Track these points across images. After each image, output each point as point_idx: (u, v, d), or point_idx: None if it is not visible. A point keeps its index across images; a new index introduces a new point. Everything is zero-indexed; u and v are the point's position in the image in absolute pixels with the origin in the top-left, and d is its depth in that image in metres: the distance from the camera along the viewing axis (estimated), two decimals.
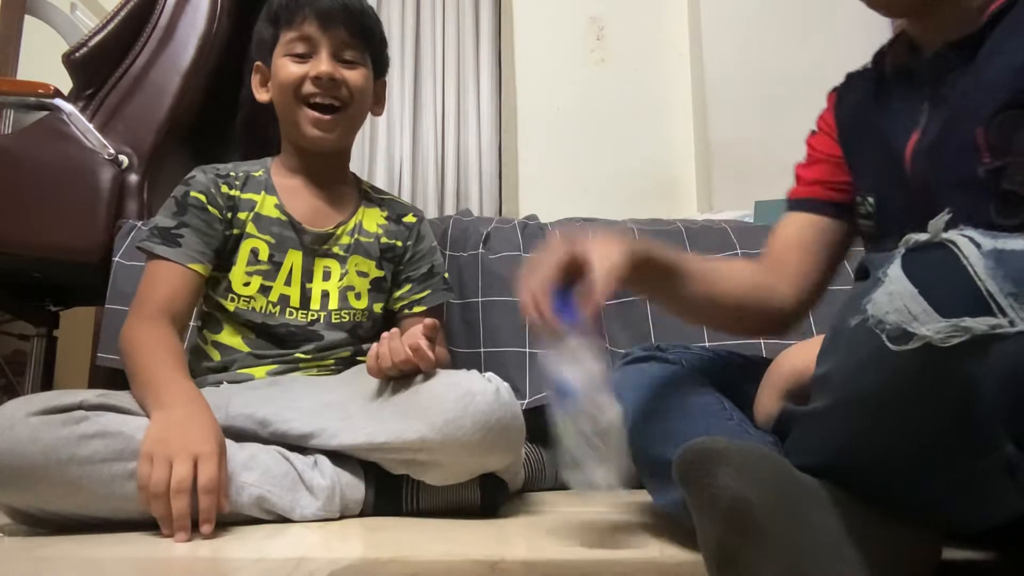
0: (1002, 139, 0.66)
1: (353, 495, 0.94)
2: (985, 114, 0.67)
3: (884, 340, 0.47)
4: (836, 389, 0.54)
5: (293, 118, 1.13)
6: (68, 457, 0.81)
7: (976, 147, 0.68)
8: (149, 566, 0.72)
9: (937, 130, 0.73)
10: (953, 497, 0.54)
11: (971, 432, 0.49)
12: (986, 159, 0.67)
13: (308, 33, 1.11)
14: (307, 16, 1.11)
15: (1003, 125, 0.66)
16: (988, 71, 0.68)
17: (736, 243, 1.42)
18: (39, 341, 1.76)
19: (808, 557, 0.51)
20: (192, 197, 1.09)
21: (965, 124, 0.69)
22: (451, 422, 0.87)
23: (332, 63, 1.11)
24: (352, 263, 1.17)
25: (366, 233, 1.20)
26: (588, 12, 2.82)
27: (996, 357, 0.45)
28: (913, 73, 0.78)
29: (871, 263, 0.52)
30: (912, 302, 0.46)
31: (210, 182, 1.12)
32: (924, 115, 0.75)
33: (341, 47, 1.13)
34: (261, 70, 1.18)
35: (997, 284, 0.44)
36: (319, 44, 1.11)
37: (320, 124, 1.12)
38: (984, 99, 0.68)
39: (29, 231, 1.41)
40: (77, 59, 1.47)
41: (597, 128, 2.73)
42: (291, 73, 1.11)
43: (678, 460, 0.56)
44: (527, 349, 1.35)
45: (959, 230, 0.47)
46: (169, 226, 1.07)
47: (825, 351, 0.57)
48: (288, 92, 1.12)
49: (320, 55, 1.11)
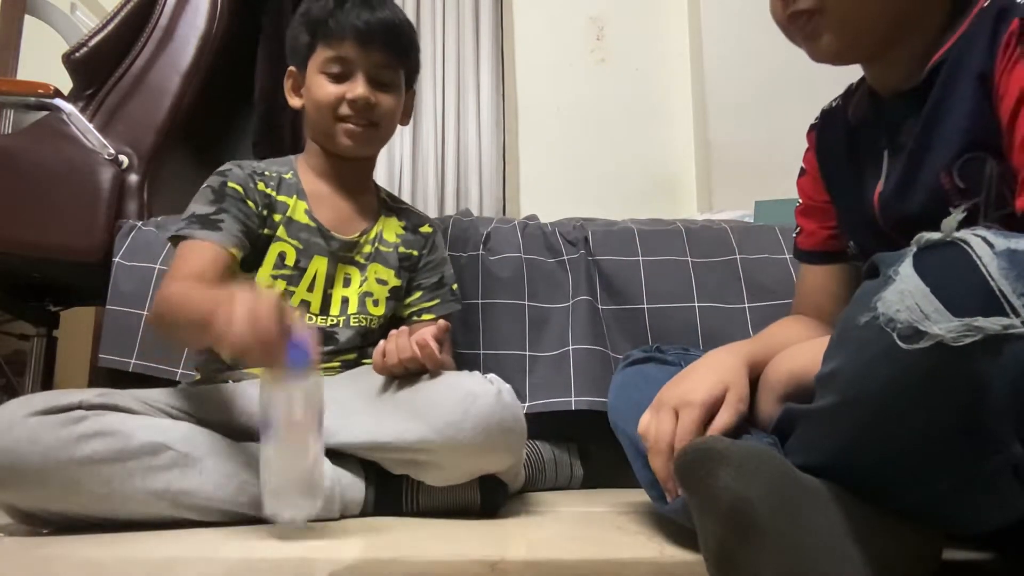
0: (968, 181, 0.67)
1: (353, 495, 0.94)
2: (945, 159, 0.68)
3: (895, 338, 0.47)
4: (843, 387, 0.54)
5: (329, 131, 1.13)
6: (67, 458, 0.81)
7: (944, 192, 0.69)
8: (149, 566, 0.72)
9: (897, 178, 0.75)
10: (958, 497, 0.54)
11: (979, 432, 0.49)
12: (957, 202, 0.68)
13: (346, 55, 1.10)
14: (346, 36, 1.09)
15: (966, 167, 0.67)
16: (940, 119, 0.70)
17: (736, 243, 1.42)
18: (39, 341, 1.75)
19: (808, 557, 0.51)
20: (230, 188, 1.08)
21: (927, 170, 0.70)
22: (452, 424, 0.87)
23: (368, 87, 1.11)
24: (372, 271, 1.17)
25: (385, 243, 1.20)
26: (588, 12, 2.82)
27: (1008, 357, 0.45)
28: (871, 122, 0.81)
29: (881, 261, 0.52)
30: (924, 300, 0.46)
31: (247, 177, 1.10)
32: (884, 166, 0.77)
33: (378, 69, 1.12)
34: (294, 76, 1.18)
35: (1010, 284, 0.44)
36: (356, 66, 1.11)
37: (354, 136, 1.13)
38: (941, 145, 0.69)
39: (29, 231, 1.41)
40: (77, 59, 1.47)
41: (597, 128, 2.73)
42: (328, 93, 1.11)
43: (678, 460, 0.56)
44: (527, 352, 1.35)
45: (971, 229, 0.47)
46: (208, 212, 1.04)
47: (832, 349, 0.56)
48: (325, 111, 1.12)
49: (357, 78, 1.11)
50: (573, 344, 1.32)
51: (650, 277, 1.39)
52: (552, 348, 1.35)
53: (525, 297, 1.38)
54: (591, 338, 1.32)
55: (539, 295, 1.39)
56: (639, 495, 0.89)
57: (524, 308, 1.38)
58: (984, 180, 0.66)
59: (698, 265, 1.41)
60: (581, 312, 1.35)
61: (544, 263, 1.42)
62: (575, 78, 2.78)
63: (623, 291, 1.39)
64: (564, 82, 2.78)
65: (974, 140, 0.66)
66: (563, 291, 1.39)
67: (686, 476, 0.55)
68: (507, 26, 2.81)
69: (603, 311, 1.37)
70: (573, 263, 1.41)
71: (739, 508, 0.51)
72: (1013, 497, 0.52)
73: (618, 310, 1.38)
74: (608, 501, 1.08)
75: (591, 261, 1.41)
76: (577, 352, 1.32)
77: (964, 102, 0.67)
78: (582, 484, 1.27)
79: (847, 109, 0.85)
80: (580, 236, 1.44)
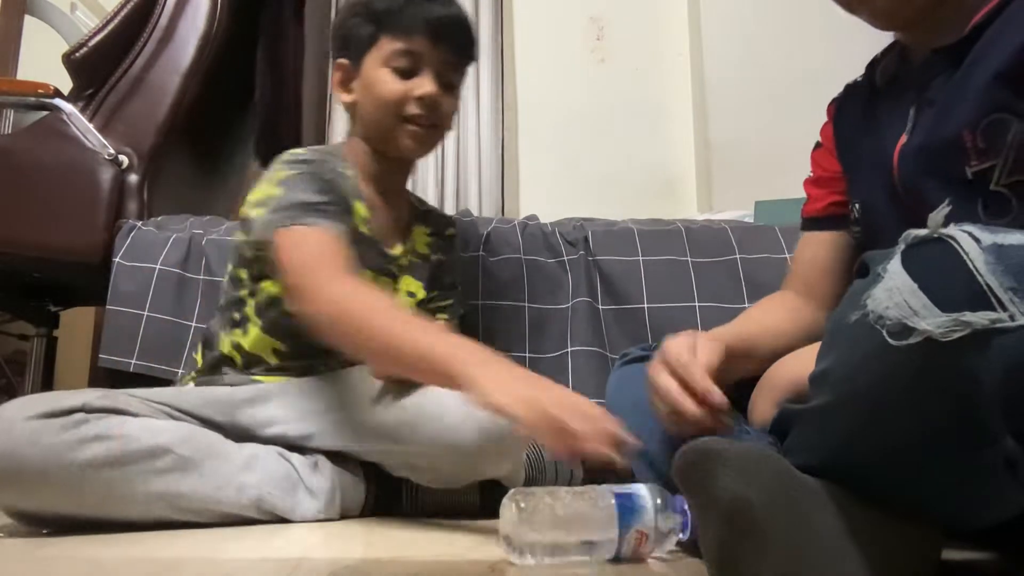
0: (989, 141, 0.67)
1: (353, 496, 0.94)
2: (971, 117, 0.68)
3: (884, 335, 0.47)
4: (836, 385, 0.54)
5: (389, 131, 1.06)
6: (68, 461, 0.81)
7: (963, 149, 0.69)
8: (149, 566, 0.71)
9: (924, 133, 0.75)
10: (953, 493, 0.54)
11: (972, 427, 0.49)
12: (974, 161, 0.68)
13: (417, 48, 1.03)
14: (419, 27, 1.03)
15: (990, 128, 0.67)
16: (973, 77, 0.70)
17: (736, 243, 1.42)
18: (39, 341, 1.75)
19: (808, 557, 0.51)
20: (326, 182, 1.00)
21: (952, 127, 0.70)
22: (451, 428, 0.87)
23: (436, 85, 1.05)
24: (403, 283, 1.14)
25: (417, 254, 1.17)
26: (588, 12, 2.82)
27: (997, 351, 0.45)
28: (901, 80, 0.81)
29: (871, 260, 0.52)
30: (912, 297, 0.46)
31: (333, 172, 1.03)
32: (911, 119, 0.77)
33: (446, 68, 1.06)
34: (345, 68, 1.09)
35: (997, 279, 0.44)
36: (425, 62, 1.04)
37: (417, 137, 1.06)
38: (969, 103, 0.69)
39: (29, 231, 1.41)
40: (77, 59, 1.47)
41: (597, 128, 2.73)
42: (393, 90, 1.03)
43: (678, 461, 0.56)
44: (527, 354, 1.35)
45: (958, 225, 0.48)
46: (316, 201, 0.96)
47: (824, 348, 0.57)
48: (389, 109, 1.04)
49: (424, 74, 1.04)
50: (572, 346, 1.33)
51: (650, 277, 1.39)
52: (552, 350, 1.35)
53: (525, 299, 1.38)
54: (590, 340, 1.32)
55: (539, 296, 1.39)
56: None
57: (524, 310, 1.38)
58: (1006, 143, 0.66)
59: (698, 265, 1.41)
60: (581, 314, 1.35)
61: (544, 264, 1.42)
62: (575, 78, 2.77)
63: (623, 291, 1.39)
64: (564, 82, 2.78)
65: (1004, 101, 0.66)
66: (563, 292, 1.39)
67: (686, 476, 0.55)
68: (507, 26, 2.81)
69: (603, 312, 1.37)
70: (573, 263, 1.41)
71: (739, 508, 0.51)
72: (1008, 491, 0.52)
73: (618, 311, 1.38)
74: None
75: (591, 261, 1.41)
76: (576, 354, 1.32)
77: (1002, 63, 0.67)
78: (582, 484, 1.26)
79: (873, 77, 0.85)
80: (580, 236, 1.44)
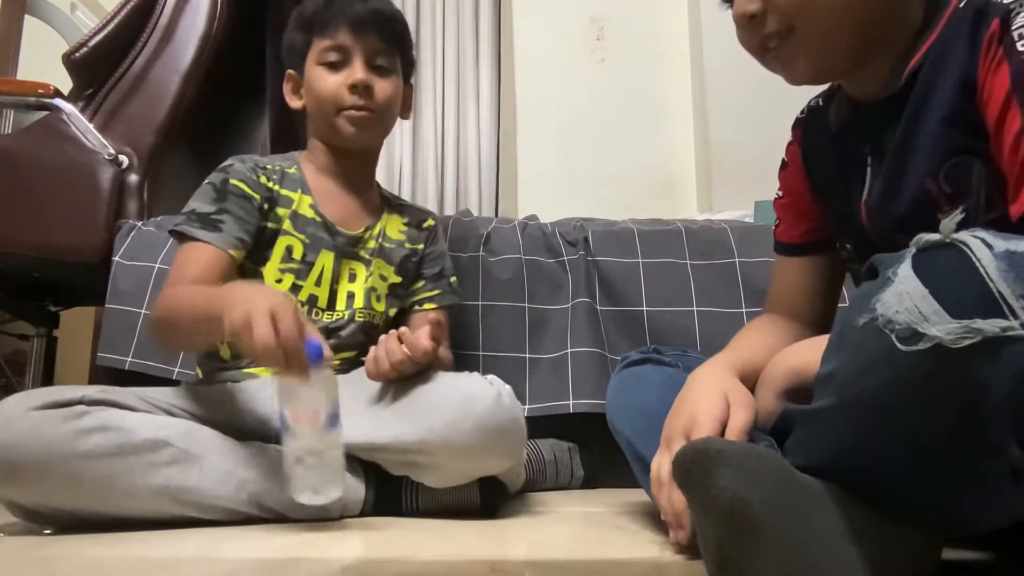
0: (955, 185, 0.67)
1: (353, 495, 0.94)
2: (930, 165, 0.68)
3: (893, 340, 0.47)
4: (842, 388, 0.54)
5: (332, 123, 1.14)
6: (69, 452, 0.81)
7: (931, 198, 0.68)
8: (149, 566, 0.72)
9: (881, 186, 0.74)
10: (956, 499, 0.54)
11: (977, 434, 0.48)
12: (946, 207, 0.68)
13: (342, 42, 1.12)
14: (341, 24, 1.11)
15: (954, 171, 0.67)
16: (921, 125, 0.69)
17: (735, 246, 1.42)
18: (39, 341, 1.75)
19: (808, 557, 0.51)
20: (232, 185, 1.08)
21: (912, 180, 0.70)
22: (450, 425, 0.87)
23: (366, 71, 1.12)
24: (375, 266, 1.18)
25: (389, 239, 1.21)
26: (588, 12, 2.82)
27: (1007, 359, 0.45)
28: (854, 128, 0.80)
29: (880, 263, 0.52)
30: (923, 302, 0.46)
31: (249, 171, 1.11)
32: (869, 171, 0.77)
33: (374, 54, 1.13)
34: (293, 78, 1.19)
35: (1009, 286, 0.44)
36: (352, 52, 1.12)
37: (355, 121, 1.13)
38: (925, 154, 0.69)
39: (29, 231, 1.41)
40: (77, 59, 1.47)
41: (597, 128, 2.73)
42: (328, 84, 1.12)
43: (677, 461, 0.56)
44: (527, 355, 1.35)
45: (970, 231, 0.47)
46: (208, 211, 1.05)
47: (831, 350, 0.56)
48: (327, 103, 1.12)
49: (354, 63, 1.12)
50: (572, 347, 1.33)
51: (649, 280, 1.40)
52: (551, 351, 1.35)
53: (525, 299, 1.39)
54: (590, 340, 1.32)
55: (539, 296, 1.39)
56: (639, 495, 0.89)
57: (524, 310, 1.38)
58: (973, 184, 0.66)
59: (697, 268, 1.41)
60: (580, 314, 1.35)
61: (544, 264, 1.42)
62: (575, 78, 2.78)
63: (622, 294, 1.39)
64: (564, 82, 2.78)
65: (959, 144, 0.66)
66: (563, 292, 1.39)
67: (685, 476, 0.55)
68: (507, 26, 2.81)
69: (602, 313, 1.37)
70: (573, 264, 1.41)
71: (739, 508, 0.51)
72: (1011, 499, 0.52)
73: (617, 313, 1.38)
74: (608, 501, 1.08)
75: (591, 262, 1.41)
76: (576, 355, 1.32)
77: (946, 107, 0.67)
78: (582, 484, 1.27)
79: (828, 113, 0.85)
80: (580, 236, 1.44)
